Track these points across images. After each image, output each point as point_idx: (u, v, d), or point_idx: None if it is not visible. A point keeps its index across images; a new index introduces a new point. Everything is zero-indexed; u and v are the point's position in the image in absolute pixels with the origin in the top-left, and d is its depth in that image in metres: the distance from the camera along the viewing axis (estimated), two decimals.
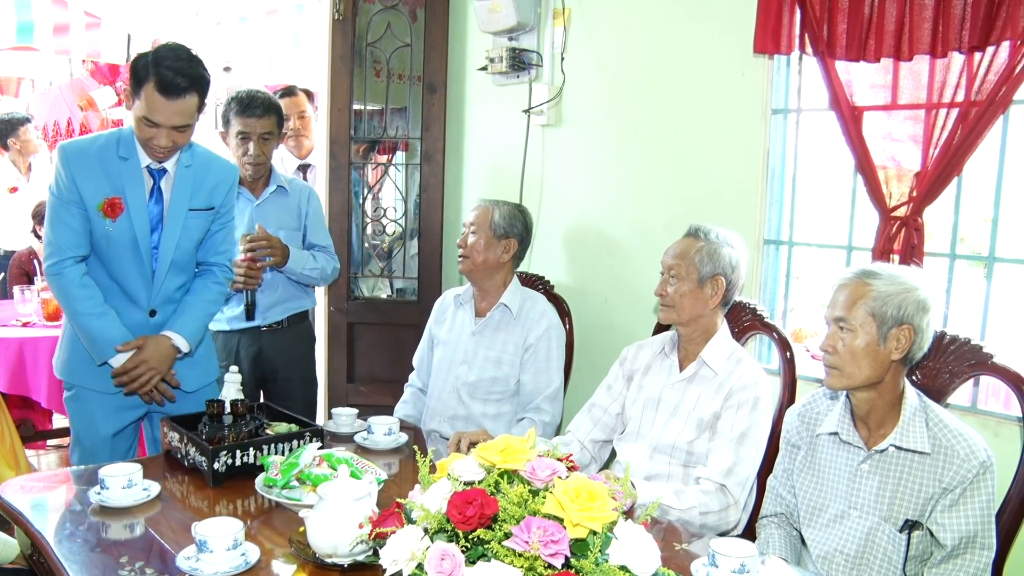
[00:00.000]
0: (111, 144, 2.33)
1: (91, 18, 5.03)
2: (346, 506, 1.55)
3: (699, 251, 2.23)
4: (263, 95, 2.91)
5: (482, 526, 1.25)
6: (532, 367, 2.76)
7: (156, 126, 2.22)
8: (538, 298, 2.88)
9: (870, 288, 1.79)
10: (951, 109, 2.19)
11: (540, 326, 2.78)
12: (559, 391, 2.79)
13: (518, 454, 1.35)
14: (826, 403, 1.99)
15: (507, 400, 2.81)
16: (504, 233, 2.80)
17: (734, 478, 2.09)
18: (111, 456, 2.40)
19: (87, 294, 2.33)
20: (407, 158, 3.88)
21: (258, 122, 2.87)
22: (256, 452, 2.05)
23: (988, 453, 1.75)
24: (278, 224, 2.99)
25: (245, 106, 2.86)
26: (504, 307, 2.81)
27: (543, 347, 2.76)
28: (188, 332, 2.44)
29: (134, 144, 2.33)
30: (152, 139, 2.25)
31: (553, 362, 2.77)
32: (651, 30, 2.93)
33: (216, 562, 1.55)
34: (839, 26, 2.33)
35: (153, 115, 2.20)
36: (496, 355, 2.79)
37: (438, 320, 2.98)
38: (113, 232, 2.32)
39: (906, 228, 2.29)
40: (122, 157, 2.32)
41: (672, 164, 2.91)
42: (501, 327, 2.81)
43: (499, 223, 2.79)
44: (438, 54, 3.62)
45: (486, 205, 2.85)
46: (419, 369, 3.02)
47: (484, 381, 2.79)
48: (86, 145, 2.34)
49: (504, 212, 2.81)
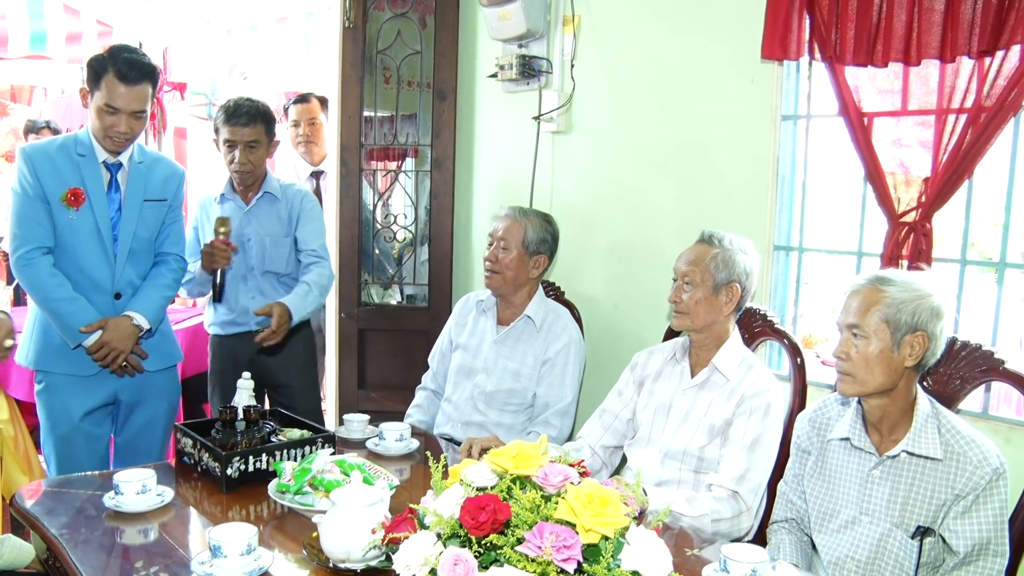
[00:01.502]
0: (69, 144, 2.57)
1: (103, 27, 5.06)
2: (359, 511, 1.56)
3: (714, 258, 2.23)
4: (249, 104, 2.90)
5: (495, 531, 1.26)
6: (547, 380, 2.74)
7: (116, 112, 2.47)
8: (561, 311, 2.85)
9: (884, 295, 1.78)
10: (960, 114, 2.19)
11: (560, 340, 2.75)
12: (570, 407, 2.75)
13: (530, 460, 1.35)
14: (837, 408, 1.98)
15: (523, 411, 2.79)
16: (536, 250, 2.78)
17: (746, 484, 2.09)
18: (86, 441, 2.59)
19: (58, 282, 2.51)
20: (417, 165, 3.90)
21: (243, 130, 2.87)
22: (269, 458, 2.07)
23: (1001, 459, 1.74)
24: (265, 231, 2.98)
25: (231, 115, 2.88)
26: (528, 319, 2.79)
27: (560, 361, 2.74)
28: (147, 311, 2.62)
29: (91, 143, 2.56)
30: (112, 126, 2.49)
31: (568, 377, 2.74)
32: (660, 36, 2.94)
33: (230, 567, 1.56)
34: (848, 31, 2.32)
35: (114, 101, 2.46)
36: (516, 367, 2.77)
37: (460, 323, 2.95)
38: (76, 221, 2.53)
39: (915, 234, 2.29)
40: (80, 155, 2.55)
41: (682, 170, 2.91)
42: (523, 338, 2.79)
43: (532, 240, 2.76)
44: (448, 61, 3.64)
45: (517, 218, 2.79)
46: (436, 370, 2.99)
47: (502, 392, 2.77)
48: (45, 146, 2.58)
49: (536, 227, 2.77)
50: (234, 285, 2.99)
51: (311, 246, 3.00)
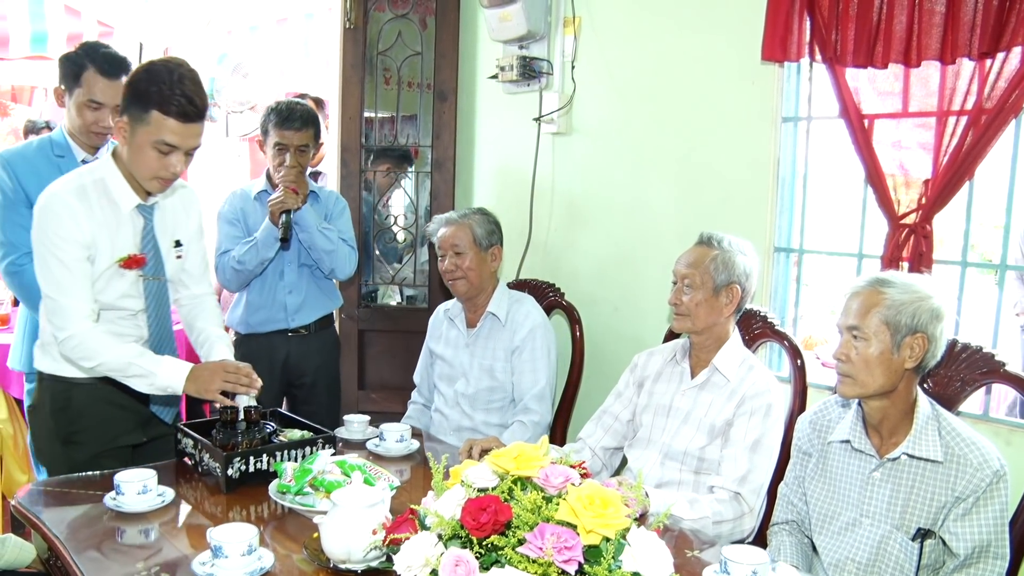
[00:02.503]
0: (45, 146, 2.58)
1: (104, 27, 5.06)
2: (360, 512, 1.56)
3: (714, 259, 2.23)
4: (302, 108, 2.94)
5: (496, 532, 1.26)
6: (519, 368, 2.77)
7: (100, 107, 2.49)
8: (524, 300, 2.87)
9: (884, 296, 1.78)
10: (961, 116, 2.19)
11: (524, 328, 2.77)
12: (545, 390, 2.76)
13: (532, 461, 1.36)
14: (837, 411, 1.99)
15: (508, 408, 2.82)
16: (489, 243, 2.80)
17: (748, 486, 2.09)
18: None
19: None
20: (417, 166, 3.90)
21: (296, 135, 2.91)
22: (269, 458, 2.07)
23: (1001, 462, 1.75)
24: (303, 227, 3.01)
25: (284, 119, 2.90)
26: (492, 316, 2.81)
27: (528, 347, 2.76)
28: None
29: (67, 143, 2.58)
30: (97, 121, 2.51)
31: (538, 361, 2.76)
32: (661, 38, 2.94)
33: (231, 567, 1.56)
34: (848, 32, 2.33)
35: (97, 95, 2.47)
36: (488, 363, 2.80)
37: (434, 336, 2.99)
38: None
39: (915, 236, 2.29)
40: (58, 155, 2.55)
41: (682, 172, 2.91)
42: (492, 335, 2.82)
43: (481, 235, 2.77)
44: (448, 62, 3.64)
45: (459, 221, 2.80)
46: (420, 385, 3.04)
47: (482, 392, 2.80)
48: (22, 149, 2.60)
49: (479, 223, 2.79)
50: (273, 281, 3.04)
51: (343, 237, 3.08)
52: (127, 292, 2.22)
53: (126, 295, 2.22)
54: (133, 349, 2.15)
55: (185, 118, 2.03)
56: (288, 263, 3.05)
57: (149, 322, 2.28)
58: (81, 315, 2.10)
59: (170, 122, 2.02)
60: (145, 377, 2.12)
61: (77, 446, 2.24)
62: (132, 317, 2.26)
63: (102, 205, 2.14)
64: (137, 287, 2.23)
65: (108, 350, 2.11)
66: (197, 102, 2.04)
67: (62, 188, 2.10)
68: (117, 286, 2.19)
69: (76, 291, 2.09)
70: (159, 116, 2.02)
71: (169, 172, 2.10)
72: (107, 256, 2.14)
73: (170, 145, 2.05)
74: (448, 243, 2.78)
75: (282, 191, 2.84)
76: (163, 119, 2.02)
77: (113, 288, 2.19)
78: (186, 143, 2.07)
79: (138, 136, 2.05)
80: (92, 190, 2.13)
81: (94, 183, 2.13)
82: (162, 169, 2.09)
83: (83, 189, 2.11)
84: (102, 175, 2.15)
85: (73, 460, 2.21)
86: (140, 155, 2.08)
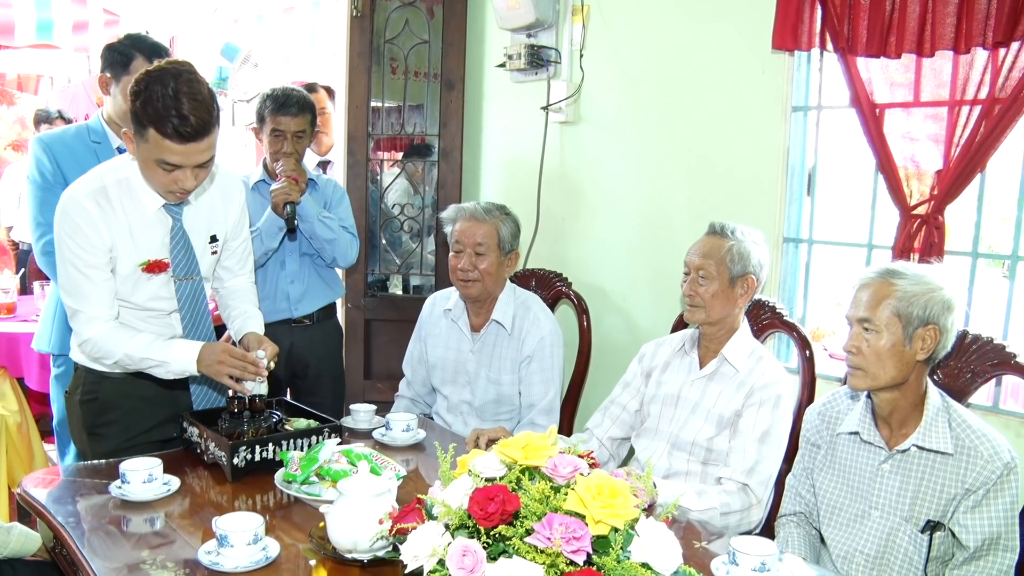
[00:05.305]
0: (82, 132, 2.64)
1: (110, 15, 5.07)
2: (366, 502, 1.55)
3: (729, 250, 2.20)
4: (298, 94, 2.92)
5: (504, 522, 1.25)
6: (527, 379, 2.65)
7: None
8: (531, 303, 2.72)
9: (895, 288, 1.77)
10: (974, 106, 2.17)
11: (533, 337, 2.63)
12: (554, 402, 2.66)
13: (540, 451, 1.35)
14: (846, 402, 1.97)
15: (516, 417, 2.72)
16: (510, 248, 2.67)
17: (756, 477, 2.08)
18: None
19: None
20: (424, 155, 3.88)
21: (292, 120, 2.88)
22: (275, 448, 2.06)
23: (1012, 454, 1.73)
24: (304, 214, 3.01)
25: (280, 104, 2.87)
26: (496, 324, 2.68)
27: (537, 358, 2.63)
28: None
29: (103, 131, 2.65)
30: None
31: (548, 372, 2.64)
32: (670, 27, 2.92)
33: (237, 556, 1.56)
34: (860, 22, 2.31)
35: None
36: (495, 375, 2.68)
37: (431, 334, 2.81)
38: None
39: (926, 226, 2.27)
40: (95, 142, 2.62)
41: (691, 161, 2.89)
42: (498, 343, 2.69)
43: (506, 238, 2.64)
44: (456, 51, 3.62)
45: (487, 219, 2.63)
46: (411, 379, 2.90)
47: (489, 404, 2.70)
48: (60, 134, 2.65)
49: (507, 223, 2.65)
50: (274, 271, 3.03)
51: (343, 225, 3.05)
52: (157, 294, 2.17)
53: (156, 297, 2.17)
54: (143, 340, 2.11)
55: (182, 138, 1.88)
56: (289, 253, 3.03)
57: (184, 323, 2.24)
58: (98, 321, 2.08)
59: (167, 143, 1.89)
60: (161, 366, 2.10)
61: (100, 439, 2.23)
62: (165, 317, 2.22)
63: (124, 206, 2.06)
64: (168, 288, 2.19)
65: (120, 347, 2.09)
66: (194, 121, 1.87)
67: (80, 191, 2.04)
68: (146, 288, 2.15)
69: (93, 297, 2.06)
70: (156, 136, 1.89)
71: (179, 187, 1.99)
72: (130, 260, 2.10)
73: (172, 164, 1.94)
74: (471, 240, 2.60)
75: (284, 181, 2.82)
76: (160, 139, 1.89)
77: (142, 291, 2.15)
78: (190, 160, 1.94)
79: (142, 151, 1.95)
80: (114, 191, 2.05)
81: (117, 183, 2.07)
82: (171, 184, 1.98)
83: (104, 191, 2.04)
84: (127, 174, 2.07)
85: (95, 452, 2.21)
86: (147, 170, 2.00)
